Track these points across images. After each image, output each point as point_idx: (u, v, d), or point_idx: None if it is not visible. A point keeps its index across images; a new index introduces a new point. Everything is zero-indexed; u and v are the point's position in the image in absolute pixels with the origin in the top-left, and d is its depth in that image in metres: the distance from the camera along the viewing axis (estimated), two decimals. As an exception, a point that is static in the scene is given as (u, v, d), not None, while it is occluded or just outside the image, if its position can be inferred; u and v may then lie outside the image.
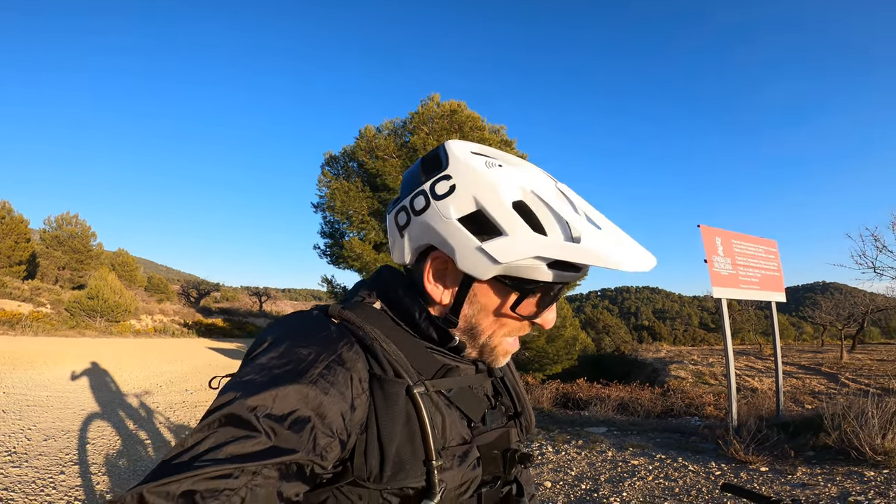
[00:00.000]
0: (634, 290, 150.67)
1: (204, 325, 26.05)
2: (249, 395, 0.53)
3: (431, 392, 0.67)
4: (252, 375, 0.57)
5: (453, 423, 0.68)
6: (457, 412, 0.70)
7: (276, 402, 0.53)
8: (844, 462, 4.11)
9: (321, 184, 13.33)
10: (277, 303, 51.62)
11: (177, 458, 0.48)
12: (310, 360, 0.59)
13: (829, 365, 14.85)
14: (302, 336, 0.63)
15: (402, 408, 0.63)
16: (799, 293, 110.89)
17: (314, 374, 0.58)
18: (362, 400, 0.61)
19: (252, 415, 0.51)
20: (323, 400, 0.56)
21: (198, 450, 0.48)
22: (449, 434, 0.66)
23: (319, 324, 0.67)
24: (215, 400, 0.55)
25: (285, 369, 0.57)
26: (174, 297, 35.38)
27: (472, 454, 0.68)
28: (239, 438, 0.49)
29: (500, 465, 0.73)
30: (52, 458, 4.33)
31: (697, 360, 18.73)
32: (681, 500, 3.64)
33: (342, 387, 0.59)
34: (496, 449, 0.73)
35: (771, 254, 6.78)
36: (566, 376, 15.61)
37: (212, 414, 0.52)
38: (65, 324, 18.36)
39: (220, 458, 0.47)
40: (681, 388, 11.39)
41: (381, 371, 0.64)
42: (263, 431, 0.51)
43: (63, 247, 28.12)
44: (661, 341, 34.71)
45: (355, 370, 0.62)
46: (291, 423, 0.53)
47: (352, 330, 0.67)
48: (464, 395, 0.72)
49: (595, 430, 6.21)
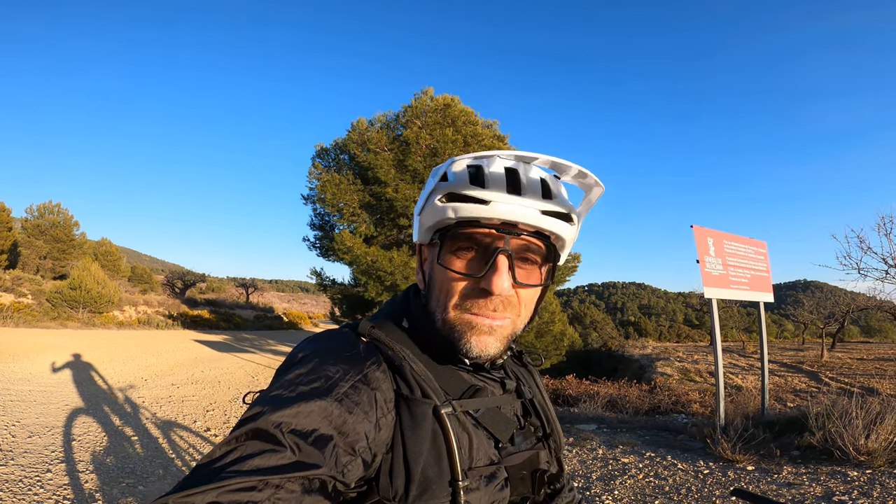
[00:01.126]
0: (621, 285, 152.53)
1: (189, 317, 25.69)
2: (276, 411, 0.54)
3: (459, 412, 0.67)
4: (280, 391, 0.58)
5: (480, 443, 0.68)
6: (484, 433, 0.70)
7: (301, 419, 0.54)
8: (828, 462, 4.21)
9: (312, 176, 13.22)
10: (265, 294, 51.24)
11: (204, 469, 0.49)
12: (336, 378, 0.60)
13: (810, 363, 15.18)
14: (330, 354, 0.65)
15: (429, 428, 0.63)
16: (782, 291, 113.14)
17: (339, 393, 0.59)
18: (388, 420, 0.62)
19: (277, 430, 0.53)
20: (347, 418, 0.57)
21: (224, 461, 0.49)
22: (476, 455, 0.67)
23: (348, 342, 0.68)
24: (244, 413, 0.56)
25: (312, 386, 0.58)
26: (158, 288, 34.85)
27: (499, 475, 0.68)
28: (264, 452, 0.50)
29: (529, 486, 0.73)
30: (37, 456, 4.24)
31: (683, 356, 19.02)
32: (671, 498, 3.69)
33: (366, 406, 0.60)
34: (525, 470, 0.73)
35: (760, 254, 6.87)
36: (554, 372, 15.76)
37: (240, 427, 0.54)
38: (46, 315, 17.99)
39: (245, 470, 0.48)
40: (667, 385, 11.56)
41: (409, 391, 0.65)
42: (288, 446, 0.52)
43: (45, 236, 27.51)
44: (647, 337, 35.15)
45: (381, 390, 0.63)
46: (315, 439, 0.54)
47: (381, 349, 0.68)
48: (491, 415, 0.72)
49: (585, 427, 6.27)
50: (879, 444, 4.05)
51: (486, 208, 0.65)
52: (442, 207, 0.68)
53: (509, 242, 0.66)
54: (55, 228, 27.81)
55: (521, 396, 0.81)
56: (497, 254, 0.65)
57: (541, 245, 0.70)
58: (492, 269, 0.65)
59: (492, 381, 0.76)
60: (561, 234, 0.70)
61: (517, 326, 0.72)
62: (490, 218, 0.66)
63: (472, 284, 0.67)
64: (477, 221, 0.67)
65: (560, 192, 0.71)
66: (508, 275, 0.66)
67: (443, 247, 0.69)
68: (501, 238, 0.66)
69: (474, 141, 11.62)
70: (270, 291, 65.00)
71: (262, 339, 20.17)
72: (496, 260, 0.65)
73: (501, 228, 0.66)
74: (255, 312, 33.59)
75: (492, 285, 0.65)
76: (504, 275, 0.65)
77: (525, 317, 0.73)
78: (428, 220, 0.71)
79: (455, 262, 0.68)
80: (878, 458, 3.98)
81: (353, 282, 14.65)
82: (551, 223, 0.68)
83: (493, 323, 0.68)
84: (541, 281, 0.72)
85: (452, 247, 0.69)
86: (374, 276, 11.51)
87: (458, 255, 0.69)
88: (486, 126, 12.85)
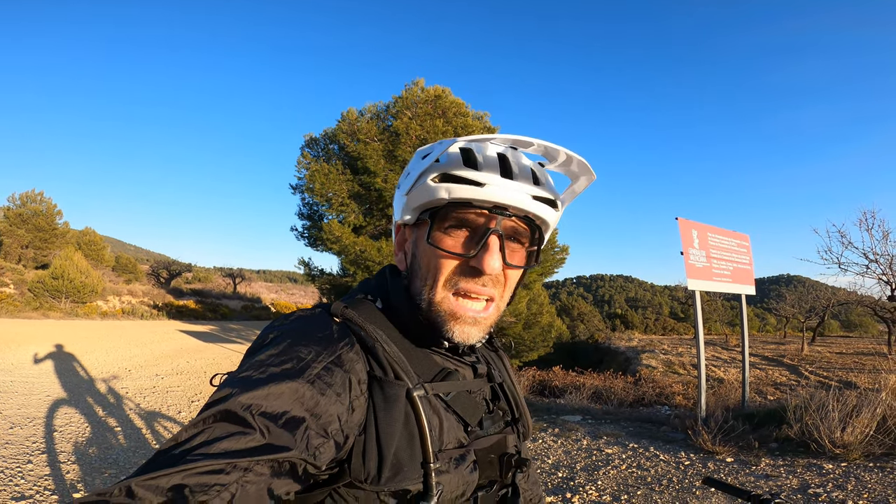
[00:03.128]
0: (609, 277, 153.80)
1: (175, 307, 25.43)
2: (245, 392, 0.53)
3: (430, 395, 0.67)
4: (250, 372, 0.57)
5: (451, 426, 0.69)
6: (454, 416, 0.71)
7: (271, 401, 0.53)
8: (805, 454, 4.31)
9: (300, 165, 13.12)
10: (252, 284, 50.82)
11: (169, 452, 0.48)
12: (308, 359, 0.60)
13: (790, 357, 15.49)
14: (302, 335, 0.64)
15: (402, 410, 0.64)
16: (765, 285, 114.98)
17: (311, 375, 0.58)
18: (360, 402, 0.62)
19: (247, 412, 0.51)
20: (319, 400, 0.56)
21: (190, 444, 0.48)
22: (446, 437, 0.67)
23: (321, 323, 0.67)
24: (212, 395, 0.54)
25: (283, 368, 0.57)
26: (143, 278, 34.37)
27: (468, 458, 0.69)
28: (233, 434, 0.50)
29: (497, 469, 0.74)
30: (18, 447, 4.19)
31: (668, 349, 19.30)
32: (653, 488, 3.76)
33: (339, 388, 0.59)
34: (493, 453, 0.74)
35: (743, 247, 6.97)
36: (542, 363, 15.90)
37: (207, 409, 0.52)
38: (28, 305, 17.68)
39: (212, 453, 0.47)
40: (652, 377, 11.73)
41: (382, 373, 0.65)
42: (258, 429, 0.51)
43: (27, 225, 26.92)
44: (634, 329, 35.59)
45: (354, 372, 0.62)
46: (286, 421, 0.53)
47: (354, 330, 0.68)
48: (461, 399, 0.72)
49: (570, 418, 6.35)
50: (855, 438, 4.16)
51: (480, 190, 0.67)
52: (434, 187, 0.68)
53: (500, 223, 0.68)
54: (37, 217, 27.22)
55: (491, 381, 0.81)
56: (489, 234, 0.67)
57: (527, 228, 0.73)
58: (483, 249, 0.67)
59: (464, 365, 0.77)
60: (547, 218, 0.73)
61: (500, 310, 0.74)
62: (483, 200, 0.67)
63: (462, 264, 0.69)
64: (469, 203, 0.68)
65: (547, 179, 0.74)
66: (499, 255, 0.68)
67: (433, 226, 0.70)
68: (493, 219, 0.68)
69: (464, 132, 11.58)
70: (258, 282, 64.56)
71: (249, 330, 20.02)
72: (488, 240, 0.67)
73: (493, 210, 0.68)
74: (242, 303, 33.35)
75: (483, 264, 0.66)
76: (496, 254, 0.67)
77: (507, 297, 0.75)
78: (417, 200, 0.72)
79: (446, 241, 0.69)
80: (853, 451, 4.09)
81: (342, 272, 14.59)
82: (540, 208, 0.71)
83: (478, 315, 0.70)
84: (527, 262, 0.75)
85: (443, 226, 0.70)
86: (363, 266, 11.48)
87: (449, 234, 0.70)
88: (476, 118, 12.81)
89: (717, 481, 1.03)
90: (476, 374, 0.78)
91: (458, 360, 0.76)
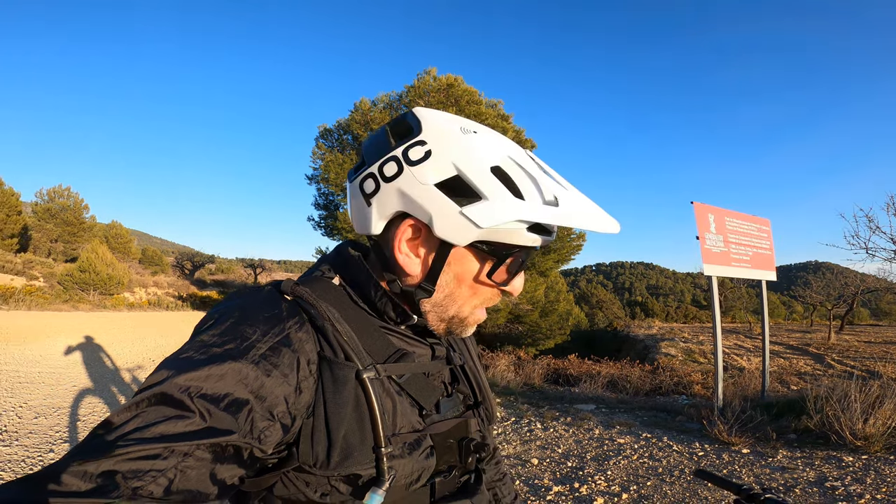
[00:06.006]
0: (629, 265, 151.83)
1: (198, 298, 26.06)
2: (183, 373, 0.51)
3: (383, 377, 0.65)
4: (190, 353, 0.55)
5: (404, 410, 0.66)
6: (408, 399, 0.68)
7: (212, 382, 0.51)
8: (824, 446, 4.19)
9: (315, 156, 13.29)
10: (273, 275, 51.67)
11: (100, 438, 0.45)
12: (253, 339, 0.57)
13: (816, 346, 15.07)
14: (249, 313, 0.61)
15: (351, 392, 0.61)
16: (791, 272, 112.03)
17: (256, 355, 0.56)
18: (309, 383, 0.60)
19: (185, 394, 0.49)
20: (264, 382, 0.54)
21: (124, 429, 0.46)
22: (400, 421, 0.65)
23: (269, 301, 0.64)
24: (148, 378, 0.52)
25: (226, 348, 0.55)
26: (168, 270, 35.31)
27: (424, 443, 0.66)
28: (170, 418, 0.48)
29: (457, 454, 0.72)
30: (41, 437, 4.35)
31: (688, 337, 18.98)
32: (663, 479, 3.71)
33: (286, 369, 0.57)
34: (452, 438, 0.72)
35: (763, 232, 6.77)
36: (558, 351, 15.83)
37: (142, 392, 0.50)
38: (58, 297, 18.32)
39: (147, 437, 0.45)
40: (670, 365, 11.55)
41: (332, 353, 0.62)
42: (197, 412, 0.49)
43: (55, 219, 27.87)
44: (654, 318, 35.08)
45: (303, 352, 0.60)
46: (228, 404, 0.51)
47: (304, 308, 0.64)
48: (416, 381, 0.69)
49: (584, 407, 6.31)
50: (877, 430, 4.02)
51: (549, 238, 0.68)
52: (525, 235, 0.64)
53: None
54: (65, 212, 28.14)
55: (450, 363, 0.78)
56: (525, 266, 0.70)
57: None
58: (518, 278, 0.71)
59: (421, 346, 0.74)
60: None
61: None
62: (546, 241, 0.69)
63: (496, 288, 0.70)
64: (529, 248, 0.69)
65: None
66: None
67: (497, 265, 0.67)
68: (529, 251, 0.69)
69: (477, 120, 11.48)
70: (278, 272, 65.58)
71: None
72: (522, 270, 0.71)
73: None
74: (263, 293, 33.90)
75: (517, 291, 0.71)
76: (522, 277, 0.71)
77: None
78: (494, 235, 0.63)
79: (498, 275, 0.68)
80: (874, 443, 3.96)
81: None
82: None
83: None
84: None
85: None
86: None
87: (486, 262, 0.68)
88: (489, 105, 12.68)
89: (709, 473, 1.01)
90: (434, 357, 0.75)
91: (416, 341, 0.73)
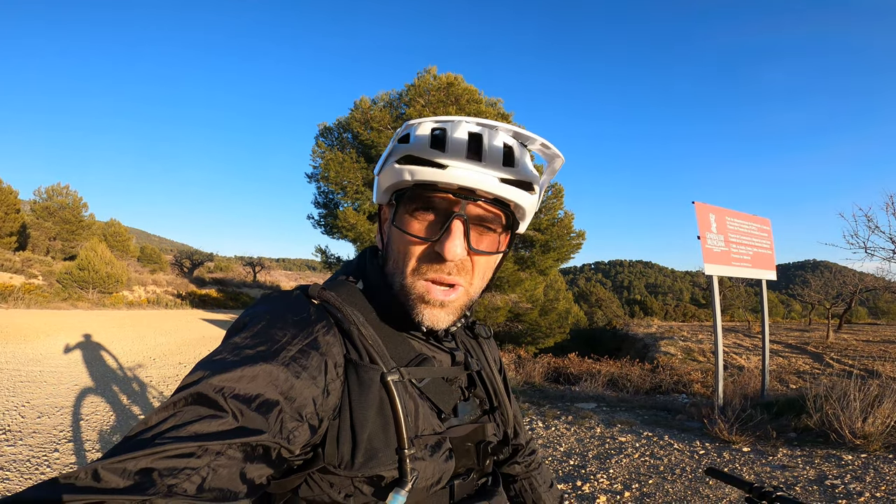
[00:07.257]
0: (628, 263, 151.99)
1: (198, 296, 26.05)
2: (217, 375, 0.52)
3: (406, 380, 0.66)
4: (224, 354, 0.56)
5: (425, 413, 0.68)
6: (428, 403, 0.69)
7: (245, 383, 0.53)
8: (824, 445, 4.22)
9: (315, 154, 13.27)
10: (272, 273, 51.66)
11: (138, 436, 0.47)
12: (284, 341, 0.59)
13: (815, 344, 15.12)
14: (279, 317, 0.63)
15: (376, 395, 0.63)
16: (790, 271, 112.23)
17: (286, 357, 0.57)
18: (336, 385, 0.61)
19: (219, 395, 0.51)
20: (294, 383, 0.56)
21: (161, 428, 0.47)
22: (422, 424, 0.66)
23: (298, 305, 0.67)
24: (184, 378, 0.54)
25: (258, 350, 0.57)
26: (167, 268, 35.23)
27: (444, 445, 0.68)
28: (205, 418, 0.49)
29: (475, 457, 0.73)
30: (45, 436, 4.35)
31: (687, 336, 19.01)
32: (665, 477, 3.73)
33: (315, 371, 0.59)
34: (470, 441, 0.73)
35: (764, 232, 6.80)
36: (558, 350, 15.86)
37: (179, 392, 0.51)
38: (57, 296, 18.29)
39: (182, 436, 0.47)
40: (670, 364, 11.60)
41: (357, 356, 0.64)
42: (230, 412, 0.50)
43: (54, 217, 27.81)
44: (653, 316, 35.13)
45: (330, 355, 0.62)
46: (259, 404, 0.52)
47: (331, 312, 0.67)
48: (435, 385, 0.71)
49: (585, 405, 6.33)
50: (876, 428, 4.05)
51: (442, 173, 0.64)
52: (399, 169, 0.67)
53: (465, 208, 0.66)
54: (64, 210, 28.08)
55: (468, 368, 0.79)
56: (452, 218, 0.65)
57: (499, 213, 0.69)
58: (446, 234, 0.65)
59: (441, 352, 0.76)
60: (520, 202, 0.69)
61: (471, 295, 0.71)
62: (447, 183, 0.65)
63: (429, 248, 0.67)
64: (434, 185, 0.66)
65: (524, 160, 0.70)
66: (463, 240, 0.65)
67: (398, 209, 0.69)
68: (458, 203, 0.66)
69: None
70: (277, 270, 65.58)
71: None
72: (451, 225, 0.65)
73: (459, 194, 0.65)
74: (262, 291, 33.92)
75: (445, 250, 0.64)
76: (458, 240, 0.65)
77: (479, 285, 0.72)
78: (386, 181, 0.71)
79: (412, 224, 0.68)
80: (873, 442, 3.99)
81: (358, 260, 14.75)
82: (510, 191, 0.66)
83: (445, 298, 0.67)
84: (498, 248, 0.71)
85: (409, 209, 0.68)
86: (378, 254, 11.62)
87: (415, 217, 0.68)
88: (489, 104, 12.67)
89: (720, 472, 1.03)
90: (454, 362, 0.77)
91: (435, 346, 0.75)
